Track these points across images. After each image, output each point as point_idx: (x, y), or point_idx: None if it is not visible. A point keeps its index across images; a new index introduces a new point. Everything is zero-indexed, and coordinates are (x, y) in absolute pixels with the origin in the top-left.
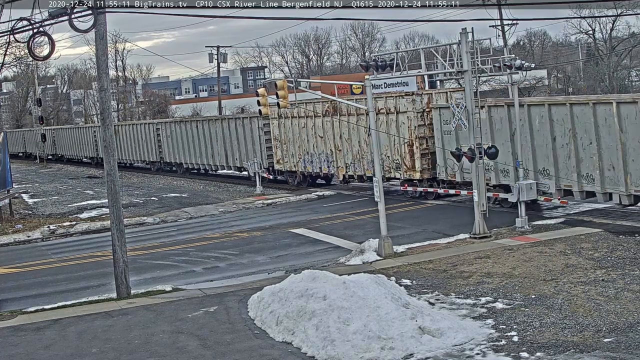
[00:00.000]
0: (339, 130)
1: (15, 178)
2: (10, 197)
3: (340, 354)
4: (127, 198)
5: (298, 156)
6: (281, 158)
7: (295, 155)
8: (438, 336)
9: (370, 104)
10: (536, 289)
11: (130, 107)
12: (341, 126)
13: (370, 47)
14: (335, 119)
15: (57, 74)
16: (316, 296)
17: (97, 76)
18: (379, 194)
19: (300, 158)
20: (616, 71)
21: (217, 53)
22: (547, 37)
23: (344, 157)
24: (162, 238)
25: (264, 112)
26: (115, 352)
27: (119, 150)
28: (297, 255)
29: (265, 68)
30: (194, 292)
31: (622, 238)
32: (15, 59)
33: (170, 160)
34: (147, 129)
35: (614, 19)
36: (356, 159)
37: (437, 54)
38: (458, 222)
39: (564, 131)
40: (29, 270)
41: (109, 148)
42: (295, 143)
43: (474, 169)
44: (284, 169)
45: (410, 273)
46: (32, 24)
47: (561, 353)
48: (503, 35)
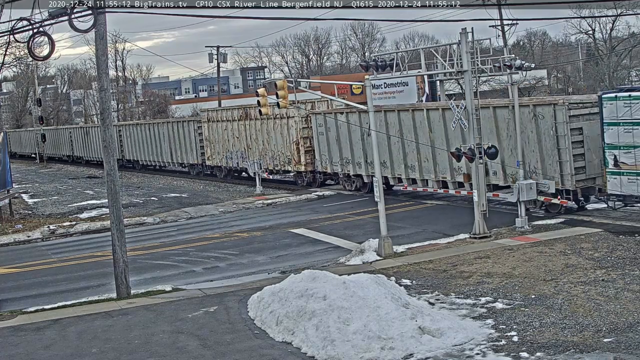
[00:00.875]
0: (250, 132)
1: (15, 178)
2: (10, 197)
3: (340, 354)
4: (127, 198)
5: (222, 154)
6: (210, 155)
7: (220, 153)
8: (438, 336)
9: (370, 104)
10: (536, 289)
11: (130, 107)
12: (251, 128)
13: (370, 47)
14: (247, 123)
15: (57, 74)
16: (316, 296)
17: (97, 76)
18: (379, 194)
19: (224, 155)
20: (616, 71)
21: (217, 53)
22: (547, 37)
23: (253, 154)
24: (162, 238)
25: (264, 112)
26: (115, 352)
27: (90, 149)
28: (297, 255)
29: (265, 68)
30: (194, 292)
31: (622, 238)
32: (15, 59)
33: (130, 158)
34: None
35: (614, 19)
36: (262, 155)
37: (437, 54)
38: (458, 222)
39: (395, 132)
40: (29, 270)
41: (109, 148)
42: (220, 143)
43: (473, 169)
44: (213, 164)
45: (410, 273)
46: (32, 24)
47: (561, 353)
48: (503, 35)
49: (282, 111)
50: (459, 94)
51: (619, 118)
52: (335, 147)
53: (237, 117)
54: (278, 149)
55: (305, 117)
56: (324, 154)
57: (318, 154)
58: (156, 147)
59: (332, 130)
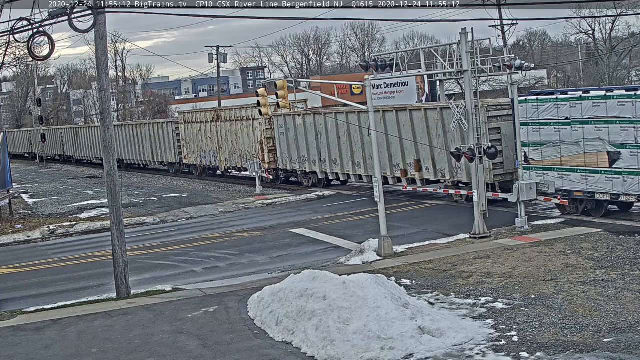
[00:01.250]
0: (221, 133)
1: (15, 178)
2: (10, 197)
3: (340, 354)
4: (127, 198)
5: (197, 153)
6: (187, 154)
7: (195, 152)
8: (438, 336)
9: (370, 104)
10: (536, 289)
11: (130, 107)
12: (221, 130)
13: (370, 47)
14: (218, 124)
15: (57, 74)
16: (316, 296)
17: (97, 76)
18: (379, 194)
19: (198, 154)
20: (616, 71)
21: (217, 53)
22: (547, 37)
23: (224, 153)
24: (162, 238)
25: (264, 112)
26: (115, 352)
27: (79, 149)
28: (297, 255)
29: (265, 68)
30: (194, 292)
31: (622, 238)
32: (15, 59)
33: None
34: (98, 131)
35: (614, 19)
36: (231, 154)
37: (437, 54)
38: (458, 222)
39: (344, 132)
40: (29, 270)
41: (109, 148)
42: (195, 143)
43: (473, 169)
44: (189, 163)
45: (410, 273)
46: (32, 24)
47: (561, 353)
48: (503, 35)
49: (248, 113)
50: (459, 94)
51: (528, 119)
52: (294, 147)
53: (209, 119)
54: (245, 149)
55: (269, 119)
56: (285, 152)
57: (279, 153)
58: (139, 147)
59: (291, 131)
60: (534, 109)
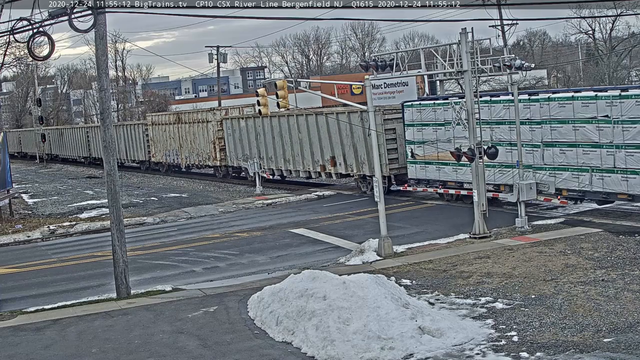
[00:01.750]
0: (181, 133)
1: (15, 178)
2: (10, 197)
3: (340, 354)
4: (127, 198)
5: (163, 151)
6: (154, 153)
7: (161, 151)
8: (438, 336)
9: (370, 104)
10: (536, 289)
11: (130, 107)
12: (182, 131)
13: (370, 47)
14: (179, 126)
15: (57, 74)
16: (316, 296)
17: (97, 76)
18: (379, 194)
19: (164, 153)
20: (616, 71)
21: (217, 53)
22: (547, 37)
23: (184, 152)
24: (162, 238)
25: (264, 112)
26: (115, 352)
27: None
28: (297, 255)
29: (265, 68)
30: (194, 292)
31: (622, 238)
32: (15, 59)
33: (96, 156)
34: (80, 132)
35: (614, 19)
36: (190, 152)
37: (437, 54)
38: (458, 222)
39: (277, 133)
40: (29, 270)
41: (109, 148)
42: (161, 142)
43: (473, 169)
44: (156, 161)
45: (410, 273)
46: (32, 24)
47: (561, 353)
48: (503, 35)
49: (203, 116)
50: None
51: (413, 121)
52: (239, 146)
53: (172, 121)
54: (201, 148)
55: (220, 122)
56: (232, 151)
57: (228, 152)
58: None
59: (237, 132)
60: (418, 112)
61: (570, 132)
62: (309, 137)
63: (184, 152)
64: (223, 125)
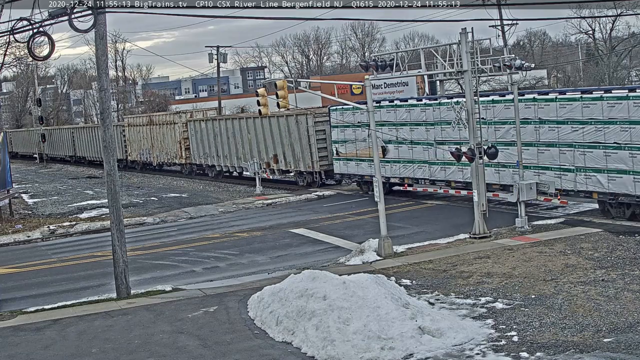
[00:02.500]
0: (153, 134)
1: (15, 178)
2: (10, 197)
3: (340, 354)
4: (127, 198)
5: (137, 150)
6: (130, 152)
7: (136, 150)
8: (438, 336)
9: (370, 104)
10: (536, 289)
11: (130, 107)
12: (153, 131)
13: (370, 47)
14: (151, 127)
15: (57, 74)
16: (316, 296)
17: (97, 76)
18: (379, 194)
19: (138, 152)
20: (616, 71)
21: (217, 53)
22: (547, 37)
23: (155, 150)
24: (162, 238)
25: (264, 112)
26: (115, 352)
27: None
28: (297, 255)
29: (265, 68)
30: (194, 292)
31: (622, 238)
32: (15, 59)
33: (80, 155)
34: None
35: (614, 19)
36: (160, 151)
37: (437, 54)
38: (458, 222)
39: (230, 134)
40: (29, 270)
41: (109, 148)
42: (136, 142)
43: (473, 169)
44: (132, 159)
45: (410, 273)
46: (32, 24)
47: (561, 353)
48: (503, 35)
49: (171, 118)
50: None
51: (337, 123)
52: (201, 145)
53: (145, 123)
54: (169, 147)
55: (185, 123)
56: (195, 150)
57: (192, 150)
58: (96, 146)
59: (199, 133)
60: (341, 115)
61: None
62: (256, 137)
63: (155, 151)
64: (188, 127)
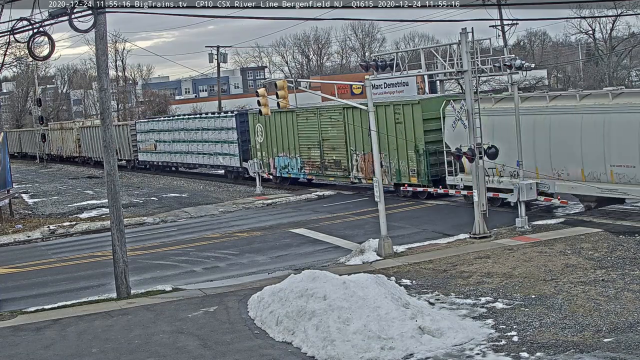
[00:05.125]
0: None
1: (15, 178)
2: (10, 197)
3: (340, 354)
4: (127, 198)
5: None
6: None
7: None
8: (438, 336)
9: (370, 104)
10: (536, 289)
11: (130, 107)
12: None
13: (370, 47)
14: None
15: (57, 74)
16: (316, 296)
17: (97, 76)
18: (379, 194)
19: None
20: (616, 71)
21: (217, 53)
22: (547, 37)
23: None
24: (162, 238)
25: (264, 112)
26: (115, 352)
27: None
28: (297, 255)
29: (265, 68)
30: (194, 292)
31: (622, 238)
32: (15, 59)
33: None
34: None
35: (614, 19)
36: (117, 150)
37: (437, 54)
38: (458, 222)
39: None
40: (29, 270)
41: (109, 148)
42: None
43: (473, 169)
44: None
45: (410, 273)
46: (32, 24)
47: (561, 353)
48: (503, 35)
49: (70, 125)
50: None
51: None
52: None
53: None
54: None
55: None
56: (141, 148)
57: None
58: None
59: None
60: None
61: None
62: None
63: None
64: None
